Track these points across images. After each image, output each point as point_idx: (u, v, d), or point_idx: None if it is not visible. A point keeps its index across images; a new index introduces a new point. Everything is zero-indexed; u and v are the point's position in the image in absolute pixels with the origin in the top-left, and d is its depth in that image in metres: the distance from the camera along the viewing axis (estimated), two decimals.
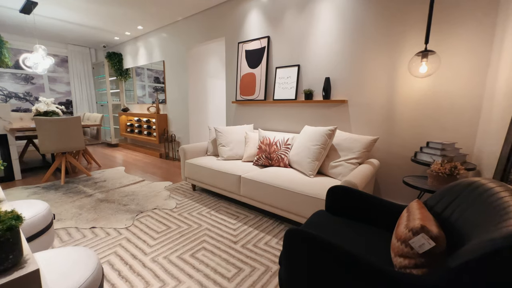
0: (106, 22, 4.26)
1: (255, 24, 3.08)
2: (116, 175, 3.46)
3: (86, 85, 6.15)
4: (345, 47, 2.36)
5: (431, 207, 1.03)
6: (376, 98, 2.23)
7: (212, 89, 4.61)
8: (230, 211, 2.30)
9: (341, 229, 1.21)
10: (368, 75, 2.25)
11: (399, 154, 2.17)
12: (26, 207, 1.32)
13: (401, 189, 2.20)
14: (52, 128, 2.98)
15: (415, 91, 2.02)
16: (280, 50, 2.87)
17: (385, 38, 2.12)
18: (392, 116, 2.17)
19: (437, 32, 1.87)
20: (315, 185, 1.85)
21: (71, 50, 5.80)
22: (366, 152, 2.00)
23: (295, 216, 1.87)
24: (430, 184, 1.62)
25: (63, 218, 2.14)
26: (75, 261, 0.87)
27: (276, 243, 1.78)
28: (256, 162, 2.49)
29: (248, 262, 1.57)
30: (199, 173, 2.60)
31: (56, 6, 3.58)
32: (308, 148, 2.15)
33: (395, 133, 2.17)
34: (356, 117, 2.38)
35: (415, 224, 0.74)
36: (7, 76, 5.10)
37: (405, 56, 2.03)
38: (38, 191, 2.82)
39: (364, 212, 1.32)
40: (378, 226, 1.27)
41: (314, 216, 1.35)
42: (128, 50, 5.44)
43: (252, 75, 3.15)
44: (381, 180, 2.31)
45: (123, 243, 1.77)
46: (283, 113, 2.95)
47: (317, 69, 2.59)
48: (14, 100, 5.24)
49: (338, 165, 2.05)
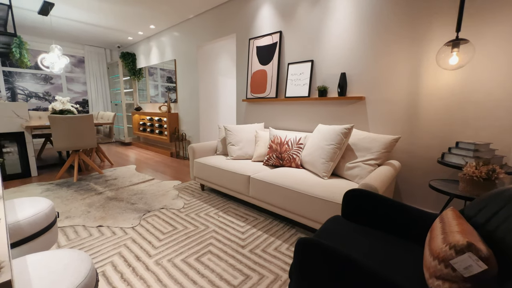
0: (120, 22, 4.31)
1: (267, 19, 2.97)
2: (127, 173, 3.47)
3: (102, 84, 6.30)
4: (363, 40, 2.20)
5: (470, 217, 0.88)
6: (397, 94, 2.05)
7: (223, 88, 4.55)
8: (238, 213, 2.21)
9: (361, 239, 1.07)
10: (388, 69, 2.08)
11: (423, 155, 1.98)
12: (28, 205, 1.29)
13: (425, 194, 2.01)
14: (65, 126, 3.02)
15: (443, 85, 1.83)
16: (293, 45, 2.75)
17: (408, 28, 1.94)
18: (415, 113, 1.98)
19: (469, 20, 1.68)
20: (330, 188, 1.72)
21: (88, 51, 5.96)
22: (386, 153, 1.83)
23: (308, 220, 1.74)
24: (461, 189, 1.44)
25: (72, 216, 2.14)
26: (66, 266, 0.80)
27: (287, 248, 1.66)
28: (266, 162, 2.38)
29: (256, 269, 1.46)
30: (207, 173, 2.53)
31: (70, 7, 3.65)
32: (322, 148, 2.01)
33: (418, 132, 1.98)
34: (375, 115, 2.21)
35: (458, 240, 0.60)
36: (28, 76, 5.31)
37: (431, 47, 1.84)
38: (52, 187, 2.86)
39: (386, 219, 1.18)
40: (403, 236, 1.12)
41: (329, 222, 1.22)
42: (141, 50, 5.51)
43: (263, 72, 3.04)
44: (402, 183, 2.13)
45: (128, 243, 1.72)
46: (295, 111, 2.82)
47: (332, 64, 2.44)
48: (34, 100, 5.45)
49: (354, 166, 1.89)
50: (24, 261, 0.84)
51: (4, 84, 5.04)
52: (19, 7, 3.65)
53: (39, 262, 0.82)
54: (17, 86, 5.21)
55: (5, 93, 5.05)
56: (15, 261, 0.84)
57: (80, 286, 0.75)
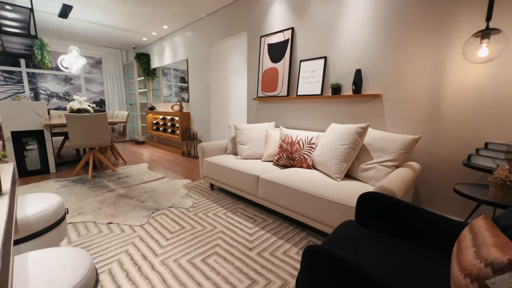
0: (134, 23, 4.40)
1: (279, 15, 2.89)
2: (139, 171, 3.52)
3: (118, 85, 6.49)
4: (380, 34, 2.07)
5: (506, 228, 0.77)
6: (418, 91, 1.91)
7: (234, 87, 4.52)
8: (247, 214, 2.15)
9: (376, 247, 0.98)
10: (408, 64, 1.94)
11: (446, 156, 1.83)
12: (37, 201, 1.31)
13: (447, 199, 1.86)
14: (80, 124, 3.10)
15: (470, 81, 1.67)
16: (305, 42, 2.66)
17: (430, 19, 1.80)
18: (437, 111, 1.83)
19: (501, 7, 1.52)
20: (343, 190, 1.62)
21: (105, 52, 6.16)
22: (404, 154, 1.71)
23: (319, 224, 1.65)
24: (492, 195, 1.30)
25: (84, 212, 2.18)
26: (65, 266, 0.78)
27: (296, 253, 1.59)
28: (276, 162, 2.31)
29: (263, 273, 1.40)
30: (216, 172, 2.49)
31: (87, 8, 3.77)
32: (335, 148, 1.91)
33: (441, 131, 1.83)
34: (392, 114, 2.07)
35: (496, 257, 0.51)
36: (49, 77, 5.56)
37: (456, 39, 1.70)
38: (68, 184, 2.95)
39: (404, 225, 1.07)
40: (423, 245, 1.01)
41: (342, 227, 1.14)
42: (155, 50, 5.61)
43: (275, 70, 2.97)
44: (422, 187, 1.98)
45: (136, 241, 1.71)
46: (307, 110, 2.73)
47: (346, 61, 2.33)
48: (55, 100, 5.70)
49: (370, 167, 1.78)
50: (25, 257, 0.83)
51: (28, 84, 5.31)
52: (40, 11, 3.81)
53: (39, 260, 0.81)
54: (40, 87, 5.48)
55: (29, 93, 5.32)
56: (17, 257, 0.83)
57: (77, 287, 0.72)
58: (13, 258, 0.82)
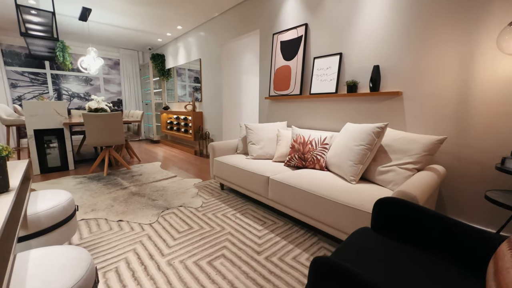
0: (150, 24, 4.49)
1: (292, 11, 2.81)
2: (152, 169, 3.57)
3: (134, 85, 6.67)
4: (400, 27, 1.93)
5: None
6: (443, 88, 1.76)
7: (246, 86, 4.48)
8: (257, 215, 2.09)
9: (394, 259, 0.89)
10: (432, 58, 1.79)
11: (475, 159, 1.67)
12: (48, 197, 1.32)
13: (477, 207, 1.69)
14: (96, 123, 3.19)
15: (504, 75, 1.50)
16: (319, 38, 2.55)
17: (457, 8, 1.64)
18: (465, 110, 1.67)
19: None
20: (358, 194, 1.51)
21: (122, 54, 6.36)
22: (427, 156, 1.57)
23: (332, 229, 1.56)
24: None
25: (97, 209, 2.22)
26: (63, 266, 0.76)
27: (306, 259, 1.51)
28: (287, 162, 2.23)
29: (271, 279, 1.33)
30: (226, 172, 2.46)
31: (105, 11, 3.88)
32: (350, 149, 1.80)
33: (469, 132, 1.67)
34: (414, 113, 1.93)
35: None
36: (71, 78, 5.83)
37: (489, 29, 1.53)
38: (84, 181, 3.04)
39: (426, 235, 0.96)
40: (448, 259, 0.90)
41: (356, 235, 1.05)
42: (170, 50, 5.70)
43: (287, 68, 2.89)
44: (447, 192, 1.82)
45: (144, 240, 1.71)
46: (321, 109, 2.62)
47: (363, 57, 2.20)
48: (76, 100, 5.96)
49: (388, 170, 1.66)
50: (27, 255, 0.82)
51: (52, 85, 5.59)
52: (61, 14, 3.98)
53: (40, 259, 0.79)
54: (63, 87, 5.75)
55: (52, 94, 5.60)
56: (19, 254, 0.83)
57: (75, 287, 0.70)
58: (15, 255, 0.82)
